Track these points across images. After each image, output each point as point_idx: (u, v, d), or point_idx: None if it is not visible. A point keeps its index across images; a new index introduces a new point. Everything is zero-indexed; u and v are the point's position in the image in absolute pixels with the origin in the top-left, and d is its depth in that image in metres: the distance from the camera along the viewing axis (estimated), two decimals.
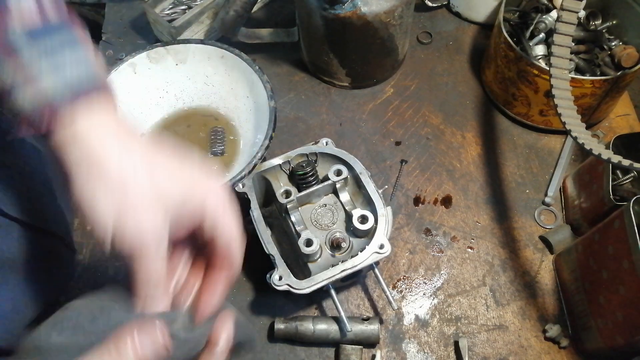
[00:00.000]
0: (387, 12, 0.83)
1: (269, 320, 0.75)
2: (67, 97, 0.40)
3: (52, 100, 0.40)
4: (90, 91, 0.42)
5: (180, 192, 0.43)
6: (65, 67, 0.41)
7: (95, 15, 1.88)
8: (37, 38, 0.40)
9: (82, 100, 0.41)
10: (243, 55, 0.84)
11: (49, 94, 0.39)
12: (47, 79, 0.40)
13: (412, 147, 0.92)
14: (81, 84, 0.41)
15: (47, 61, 0.40)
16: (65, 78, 0.40)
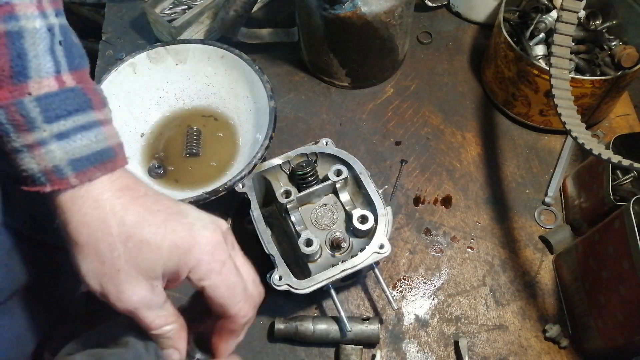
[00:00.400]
0: (387, 12, 0.83)
1: (269, 320, 0.75)
2: (71, 166, 0.42)
3: (53, 169, 0.41)
4: (95, 162, 0.43)
5: (165, 258, 0.44)
6: (73, 136, 0.42)
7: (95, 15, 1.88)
8: (49, 103, 0.41)
9: (86, 170, 0.42)
10: (243, 55, 0.84)
11: (50, 163, 0.41)
12: (54, 146, 0.41)
13: (412, 147, 0.92)
14: (85, 153, 0.42)
15: (56, 127, 0.41)
16: (72, 147, 0.42)
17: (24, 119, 0.40)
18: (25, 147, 0.41)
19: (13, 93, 0.40)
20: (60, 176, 0.42)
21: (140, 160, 0.84)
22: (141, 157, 0.85)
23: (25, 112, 0.40)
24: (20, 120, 0.40)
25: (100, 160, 0.43)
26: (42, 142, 0.41)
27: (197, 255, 0.44)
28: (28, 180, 0.42)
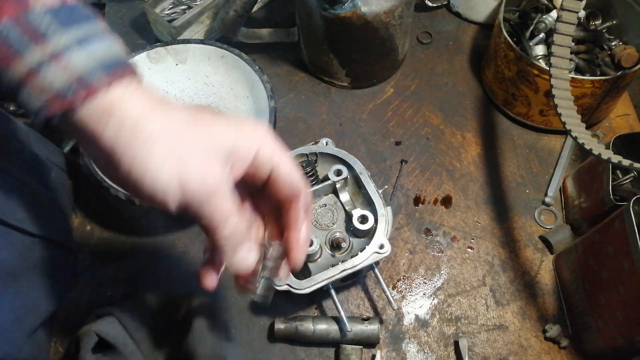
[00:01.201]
0: (387, 12, 0.83)
1: (269, 320, 0.75)
2: (97, 70, 0.39)
3: (82, 74, 0.38)
4: (118, 63, 0.41)
5: (232, 140, 0.42)
6: (90, 41, 0.39)
7: None
8: (57, 15, 0.39)
9: (112, 71, 0.40)
10: (243, 55, 0.84)
11: (78, 69, 0.38)
12: (74, 54, 0.38)
13: (412, 147, 0.92)
14: (108, 56, 0.40)
15: (71, 36, 0.39)
16: (92, 51, 0.39)
17: (39, 27, 0.37)
18: (48, 57, 0.38)
19: (19, 5, 0.37)
20: (91, 80, 0.38)
21: None
22: None
23: (39, 21, 0.37)
24: (35, 31, 0.37)
25: (123, 64, 0.41)
26: (65, 49, 0.38)
27: (262, 135, 0.44)
28: (56, 100, 0.38)
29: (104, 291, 0.78)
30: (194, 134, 0.41)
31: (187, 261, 0.80)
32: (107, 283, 0.79)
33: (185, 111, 0.42)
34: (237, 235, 0.44)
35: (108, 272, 0.79)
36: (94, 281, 0.79)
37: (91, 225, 0.83)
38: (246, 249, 0.44)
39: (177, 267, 0.80)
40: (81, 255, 0.81)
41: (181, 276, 0.79)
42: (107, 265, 0.80)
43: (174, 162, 0.40)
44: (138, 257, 0.81)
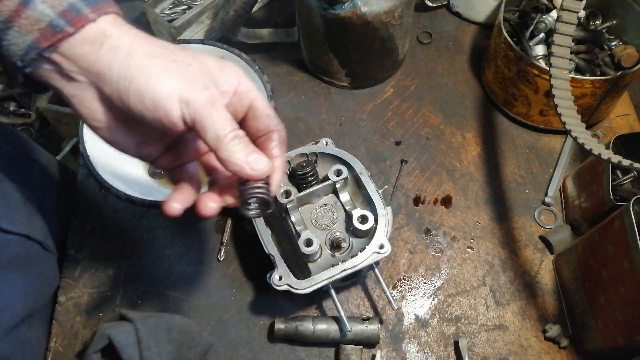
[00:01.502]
0: (387, 12, 0.83)
1: (269, 320, 0.75)
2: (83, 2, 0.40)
3: (70, 6, 0.40)
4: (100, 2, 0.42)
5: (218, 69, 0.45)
6: None
7: None
8: None
9: (97, 5, 0.41)
10: (243, 55, 0.84)
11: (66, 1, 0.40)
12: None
13: (412, 147, 0.91)
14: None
15: None
16: None
17: None
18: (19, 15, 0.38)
19: None
20: (78, 13, 0.40)
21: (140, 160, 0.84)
22: None
23: None
24: None
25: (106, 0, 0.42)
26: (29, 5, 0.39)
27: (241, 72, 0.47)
28: (48, 34, 0.39)
29: (104, 291, 0.78)
30: (184, 57, 0.44)
31: (187, 261, 0.80)
32: (107, 283, 0.79)
33: (171, 44, 0.45)
34: (243, 139, 0.45)
35: (108, 272, 0.80)
36: (94, 281, 0.79)
37: (91, 225, 0.83)
38: (255, 155, 0.46)
39: (177, 267, 0.80)
40: (80, 255, 0.81)
41: (181, 276, 0.79)
42: (107, 265, 0.80)
43: (172, 77, 0.42)
44: (138, 257, 0.81)
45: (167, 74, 0.42)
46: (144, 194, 0.74)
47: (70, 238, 0.82)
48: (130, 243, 0.82)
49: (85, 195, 0.86)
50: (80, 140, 0.77)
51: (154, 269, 0.80)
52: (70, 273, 0.79)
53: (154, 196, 0.74)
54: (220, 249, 0.81)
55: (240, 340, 0.74)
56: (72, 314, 0.76)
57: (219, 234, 0.83)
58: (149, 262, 0.80)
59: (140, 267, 0.80)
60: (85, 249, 0.81)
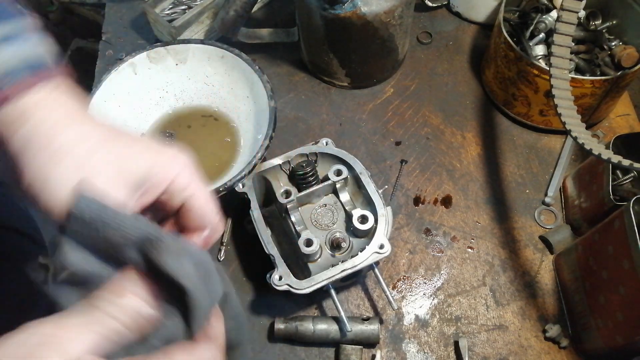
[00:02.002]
0: (387, 12, 0.83)
1: (269, 320, 0.75)
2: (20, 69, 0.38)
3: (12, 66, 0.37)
4: (41, 65, 0.39)
5: (147, 167, 0.41)
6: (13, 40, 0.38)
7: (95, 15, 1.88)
8: None
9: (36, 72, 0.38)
10: (243, 55, 0.84)
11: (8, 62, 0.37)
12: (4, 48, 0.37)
13: (412, 147, 0.92)
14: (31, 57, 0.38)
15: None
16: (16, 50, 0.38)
17: None
18: None
19: None
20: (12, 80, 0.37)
21: None
22: None
23: None
24: None
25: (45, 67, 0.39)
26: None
27: (180, 164, 0.43)
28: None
29: None
30: (108, 154, 0.39)
31: None
32: None
33: (105, 128, 0.41)
34: None
35: None
36: None
37: None
38: None
39: None
40: None
41: None
42: None
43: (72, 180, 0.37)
44: None
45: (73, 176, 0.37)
46: None
47: None
48: None
49: None
50: None
51: None
52: None
53: None
54: (220, 249, 0.81)
55: None
56: None
57: None
58: None
59: None
60: None
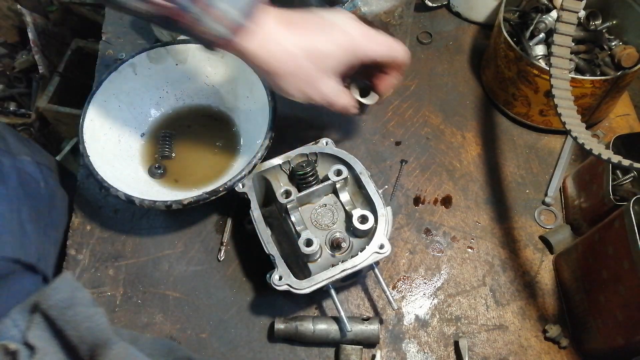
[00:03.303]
0: (387, 12, 0.83)
1: (269, 320, 0.75)
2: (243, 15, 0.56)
3: (236, 22, 0.56)
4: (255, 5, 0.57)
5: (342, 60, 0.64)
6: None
7: (95, 15, 1.88)
8: None
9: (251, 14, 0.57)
10: None
11: (231, 16, 0.56)
12: (228, 9, 0.56)
13: (412, 147, 0.92)
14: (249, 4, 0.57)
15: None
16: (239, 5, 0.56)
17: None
18: (210, 18, 0.55)
19: None
20: (241, 26, 0.57)
21: (140, 160, 0.84)
22: (141, 157, 0.85)
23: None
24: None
25: (255, 3, 0.57)
26: (220, 9, 0.55)
27: (359, 46, 0.64)
28: (224, 43, 0.58)
29: (104, 291, 0.78)
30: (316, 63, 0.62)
31: (187, 261, 0.80)
32: (107, 283, 0.79)
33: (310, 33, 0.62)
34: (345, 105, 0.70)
35: (108, 272, 0.80)
36: (94, 281, 0.79)
37: (91, 225, 0.83)
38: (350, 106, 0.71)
39: (177, 267, 0.80)
40: (81, 255, 0.81)
41: (181, 276, 0.79)
42: (107, 265, 0.80)
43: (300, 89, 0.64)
44: (138, 257, 0.81)
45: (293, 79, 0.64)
46: (144, 194, 0.74)
47: (70, 238, 0.82)
48: (130, 243, 0.82)
49: (85, 195, 0.86)
50: (80, 140, 0.77)
51: (154, 269, 0.80)
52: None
53: (154, 196, 0.74)
54: (220, 249, 0.81)
55: (240, 340, 0.74)
56: None
57: (219, 234, 0.83)
58: (149, 262, 0.80)
59: (140, 267, 0.80)
60: (85, 249, 0.81)
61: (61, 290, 0.47)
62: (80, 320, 0.46)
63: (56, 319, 0.46)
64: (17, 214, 0.72)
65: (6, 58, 1.83)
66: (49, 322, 0.47)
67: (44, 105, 1.60)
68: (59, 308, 0.46)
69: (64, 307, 0.46)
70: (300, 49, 0.61)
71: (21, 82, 1.81)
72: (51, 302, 0.47)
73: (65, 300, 0.47)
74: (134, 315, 0.76)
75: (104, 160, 0.77)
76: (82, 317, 0.46)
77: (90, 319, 0.46)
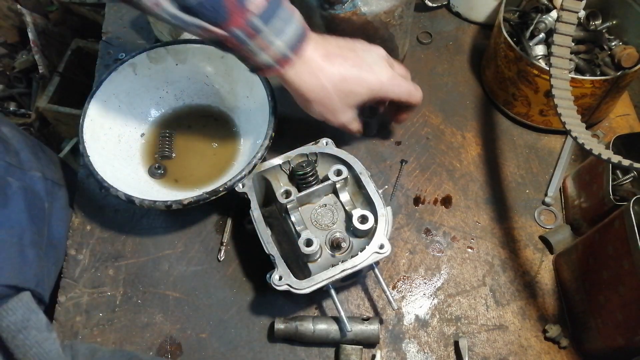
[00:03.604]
0: (387, 12, 0.83)
1: (269, 320, 0.75)
2: (289, 49, 0.64)
3: (283, 54, 0.64)
4: (300, 40, 0.65)
5: (366, 96, 0.73)
6: (284, 30, 0.63)
7: (95, 15, 1.88)
8: (265, 17, 0.60)
9: (297, 48, 0.65)
10: None
11: (281, 50, 0.63)
12: (276, 42, 0.63)
13: (412, 147, 0.92)
14: (295, 38, 0.64)
15: (273, 28, 0.62)
16: (287, 38, 0.63)
17: (255, 30, 0.61)
18: (258, 48, 0.62)
19: (243, 16, 0.59)
20: (286, 58, 0.65)
21: (140, 160, 0.84)
22: (141, 156, 0.85)
23: (255, 25, 0.60)
24: (253, 33, 0.61)
25: (301, 36, 0.65)
26: (270, 42, 0.62)
27: (384, 89, 0.73)
28: (268, 70, 0.65)
29: (104, 291, 0.78)
30: (342, 97, 0.71)
31: (187, 261, 0.80)
32: (107, 283, 0.79)
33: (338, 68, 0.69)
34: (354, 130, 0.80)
35: (108, 272, 0.80)
36: (94, 281, 0.79)
37: (91, 225, 0.83)
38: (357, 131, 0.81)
39: (177, 267, 0.80)
40: (81, 255, 0.81)
41: (181, 276, 0.79)
42: (107, 265, 0.80)
43: (324, 113, 0.74)
44: (138, 257, 0.81)
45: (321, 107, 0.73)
46: (144, 194, 0.74)
47: (70, 238, 0.82)
48: (130, 243, 0.82)
49: (85, 195, 0.86)
50: (80, 140, 0.77)
51: (154, 269, 0.80)
52: (70, 273, 0.79)
53: (154, 196, 0.74)
54: (220, 249, 0.81)
55: (240, 340, 0.74)
56: (72, 314, 0.76)
57: (219, 234, 0.83)
58: (149, 262, 0.81)
59: (140, 267, 0.80)
60: (85, 249, 0.81)
61: (15, 312, 0.47)
62: (30, 345, 0.46)
63: (6, 341, 0.46)
64: (19, 239, 0.71)
65: (6, 58, 1.83)
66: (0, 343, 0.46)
67: (44, 105, 1.60)
68: (11, 330, 0.46)
69: (15, 330, 0.46)
70: (332, 84, 0.69)
71: (21, 82, 1.81)
72: (3, 323, 0.46)
73: (18, 323, 0.47)
74: (134, 315, 0.76)
75: (104, 160, 0.77)
76: (32, 342, 0.46)
77: (40, 345, 0.46)
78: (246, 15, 0.59)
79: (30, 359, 0.46)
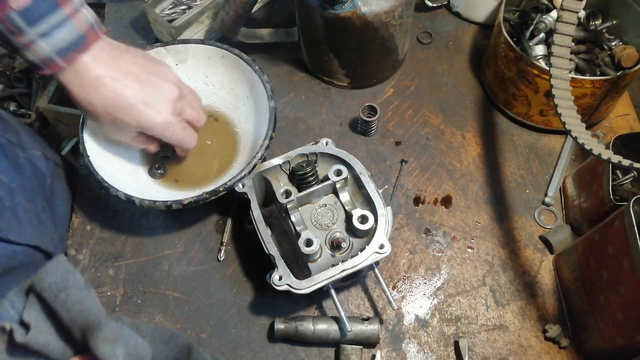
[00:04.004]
0: (387, 12, 0.83)
1: (269, 320, 0.75)
2: (57, 54, 0.61)
3: (48, 57, 0.61)
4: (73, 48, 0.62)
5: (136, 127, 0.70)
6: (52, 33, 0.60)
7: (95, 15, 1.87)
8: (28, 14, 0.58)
9: (68, 55, 0.62)
10: (243, 55, 0.84)
11: (46, 53, 0.60)
12: (41, 43, 0.60)
13: (412, 147, 0.92)
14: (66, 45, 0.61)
15: (38, 30, 0.59)
16: (54, 41, 0.60)
17: (15, 26, 0.58)
18: (23, 46, 0.59)
19: (2, 9, 0.56)
20: (53, 62, 0.61)
21: (140, 160, 0.84)
22: (141, 157, 0.85)
23: (14, 22, 0.57)
24: (13, 29, 0.58)
25: (76, 45, 0.62)
26: (32, 42, 0.59)
27: (154, 131, 0.71)
28: (37, 67, 0.62)
29: (104, 291, 0.78)
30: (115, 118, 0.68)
31: (187, 261, 0.80)
32: (107, 283, 0.79)
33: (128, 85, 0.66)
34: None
35: (108, 272, 0.80)
36: (94, 281, 0.79)
37: (91, 225, 0.83)
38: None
39: (177, 267, 0.80)
40: (81, 255, 0.81)
41: (181, 276, 0.79)
42: (107, 265, 0.80)
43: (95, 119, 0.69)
44: (138, 257, 0.81)
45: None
46: (144, 194, 0.74)
47: (70, 238, 0.82)
48: (130, 243, 0.82)
49: (85, 195, 0.86)
50: (80, 140, 0.77)
51: (154, 269, 0.80)
52: None
53: (154, 196, 0.74)
54: (220, 249, 0.81)
55: (240, 340, 0.74)
56: None
57: (219, 234, 0.83)
58: (149, 262, 0.81)
59: (140, 267, 0.80)
60: (85, 249, 0.81)
61: (55, 273, 0.49)
62: (71, 303, 0.48)
63: (49, 300, 0.48)
64: (33, 204, 0.75)
65: (6, 58, 1.83)
66: (44, 303, 0.48)
67: (44, 105, 1.60)
68: (52, 290, 0.48)
69: (56, 290, 0.48)
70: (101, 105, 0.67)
71: (21, 82, 1.81)
72: (45, 284, 0.48)
73: (58, 283, 0.48)
74: (134, 315, 0.76)
75: (104, 160, 0.77)
76: (73, 300, 0.48)
77: (81, 302, 0.48)
78: (5, 9, 0.56)
79: (74, 315, 0.48)
